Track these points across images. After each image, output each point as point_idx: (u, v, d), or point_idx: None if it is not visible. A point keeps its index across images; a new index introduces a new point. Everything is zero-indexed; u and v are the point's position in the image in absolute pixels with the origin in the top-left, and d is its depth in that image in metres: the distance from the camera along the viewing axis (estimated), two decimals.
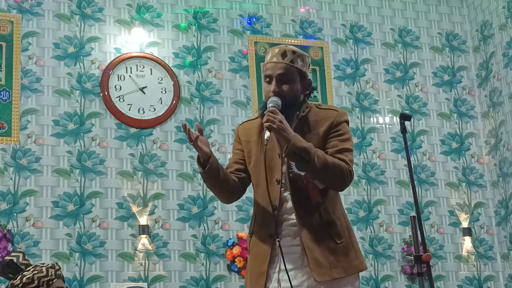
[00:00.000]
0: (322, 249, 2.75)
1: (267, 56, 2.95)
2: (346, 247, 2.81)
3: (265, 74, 2.91)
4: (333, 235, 2.79)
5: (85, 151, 5.95)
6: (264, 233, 2.83)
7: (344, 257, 2.78)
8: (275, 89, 2.85)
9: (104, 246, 5.78)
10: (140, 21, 6.42)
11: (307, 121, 2.90)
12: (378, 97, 6.89)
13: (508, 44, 6.75)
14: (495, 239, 6.80)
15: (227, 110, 6.43)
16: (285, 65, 2.87)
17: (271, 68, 2.88)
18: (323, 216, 2.80)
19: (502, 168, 6.74)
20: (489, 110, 7.00)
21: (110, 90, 6.15)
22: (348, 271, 2.77)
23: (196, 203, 6.11)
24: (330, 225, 2.80)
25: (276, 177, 2.84)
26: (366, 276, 6.31)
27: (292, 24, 6.85)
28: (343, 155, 2.86)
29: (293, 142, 2.70)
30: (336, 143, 2.87)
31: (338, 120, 2.90)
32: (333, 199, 2.89)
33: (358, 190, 6.56)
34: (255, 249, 2.86)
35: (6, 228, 5.54)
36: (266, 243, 2.81)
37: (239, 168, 2.97)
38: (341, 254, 2.78)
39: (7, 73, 5.90)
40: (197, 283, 5.92)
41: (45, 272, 3.06)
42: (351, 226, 2.92)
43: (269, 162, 2.84)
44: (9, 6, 6.09)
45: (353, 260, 2.80)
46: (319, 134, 2.86)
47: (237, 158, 3.00)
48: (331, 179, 2.80)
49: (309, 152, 2.71)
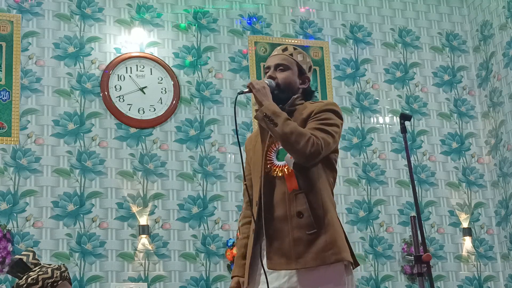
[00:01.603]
0: (287, 240, 2.73)
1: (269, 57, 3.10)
2: (316, 237, 2.72)
3: (265, 67, 3.02)
4: (302, 225, 2.74)
5: (85, 151, 5.95)
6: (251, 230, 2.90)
7: (312, 248, 2.71)
8: (271, 75, 2.95)
9: (104, 246, 5.78)
10: (140, 21, 6.42)
11: (294, 113, 2.91)
12: (378, 97, 6.89)
13: (508, 44, 6.75)
14: (495, 239, 6.79)
15: (227, 110, 6.43)
16: (284, 56, 2.98)
17: (271, 60, 3.00)
18: (292, 207, 2.76)
19: (502, 168, 6.74)
20: (489, 110, 7.00)
21: (110, 90, 6.15)
22: (317, 261, 2.69)
23: (196, 203, 6.11)
24: (298, 215, 2.75)
25: (259, 174, 2.88)
26: (366, 276, 6.31)
27: (292, 24, 6.85)
28: (317, 131, 2.78)
29: (266, 105, 2.77)
30: (313, 124, 2.83)
31: (321, 108, 2.87)
32: (316, 188, 2.80)
33: (358, 190, 6.56)
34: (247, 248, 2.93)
35: (6, 228, 5.54)
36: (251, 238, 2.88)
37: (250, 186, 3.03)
38: (309, 245, 2.72)
39: (7, 73, 5.90)
40: (197, 283, 5.92)
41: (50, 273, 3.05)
42: (335, 218, 2.81)
43: (258, 161, 2.92)
44: (9, 6, 6.09)
45: (324, 251, 2.70)
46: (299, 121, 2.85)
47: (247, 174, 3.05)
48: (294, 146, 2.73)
49: (278, 116, 2.74)
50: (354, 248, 6.34)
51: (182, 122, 6.28)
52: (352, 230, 6.40)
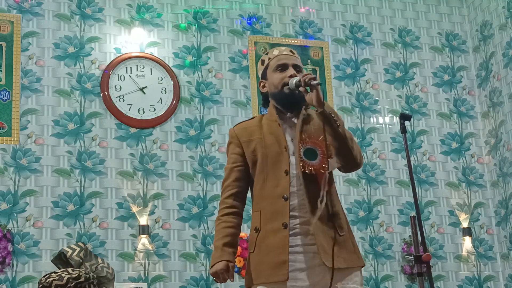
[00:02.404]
0: (327, 238, 2.79)
1: (272, 52, 3.05)
2: (346, 240, 2.86)
3: (279, 63, 2.98)
4: (336, 226, 2.84)
5: (85, 151, 5.95)
6: (276, 225, 2.81)
7: (345, 249, 2.83)
8: (294, 73, 2.94)
9: (104, 246, 5.78)
10: (140, 21, 6.43)
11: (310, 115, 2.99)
12: (378, 97, 6.89)
13: (508, 44, 6.75)
14: (495, 239, 6.80)
15: (227, 110, 6.43)
16: (297, 58, 3.03)
17: (286, 58, 2.99)
18: (329, 207, 2.83)
19: (502, 168, 6.74)
20: (489, 110, 7.00)
21: (110, 90, 6.15)
22: (349, 262, 2.82)
23: (196, 203, 6.11)
24: (334, 216, 2.85)
25: (285, 168, 2.86)
26: (366, 276, 6.31)
27: (292, 24, 6.86)
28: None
29: (327, 104, 2.81)
30: None
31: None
32: (335, 192, 2.95)
33: (358, 190, 6.56)
34: (267, 241, 2.83)
35: (6, 228, 5.54)
36: (280, 233, 2.80)
37: (238, 178, 2.97)
38: (342, 246, 2.82)
39: (7, 73, 5.91)
40: (197, 283, 5.92)
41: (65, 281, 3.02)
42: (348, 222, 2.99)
43: (276, 156, 2.88)
44: (9, 6, 6.09)
45: (353, 253, 2.86)
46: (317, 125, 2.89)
47: (234, 166, 2.98)
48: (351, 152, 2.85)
49: (339, 118, 2.84)
50: None
51: (182, 122, 6.28)
52: (352, 230, 6.39)
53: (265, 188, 2.89)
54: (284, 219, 2.80)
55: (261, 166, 2.92)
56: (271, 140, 2.93)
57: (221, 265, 2.82)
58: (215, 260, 2.85)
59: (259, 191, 2.91)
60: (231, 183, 2.97)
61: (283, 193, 2.83)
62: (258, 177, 2.93)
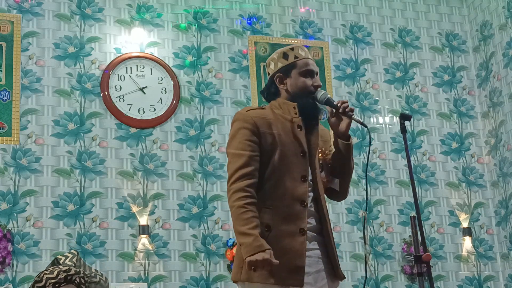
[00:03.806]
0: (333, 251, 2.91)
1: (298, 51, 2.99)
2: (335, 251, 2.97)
3: (308, 69, 2.97)
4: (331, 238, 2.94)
5: (85, 151, 5.95)
6: (293, 228, 2.79)
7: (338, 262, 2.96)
8: (320, 85, 3.01)
9: (104, 246, 5.78)
10: (140, 21, 6.43)
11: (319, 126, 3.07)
12: (378, 97, 6.90)
13: (508, 44, 6.75)
14: (495, 239, 6.80)
15: (227, 110, 6.43)
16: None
17: (313, 65, 3.00)
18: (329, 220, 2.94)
19: (502, 168, 6.74)
20: (489, 110, 7.00)
21: (110, 90, 6.15)
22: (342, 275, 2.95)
23: (196, 203, 6.11)
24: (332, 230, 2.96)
25: (302, 173, 2.86)
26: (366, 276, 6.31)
27: (292, 24, 6.86)
28: None
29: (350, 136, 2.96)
30: None
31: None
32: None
33: (358, 190, 6.57)
34: (283, 243, 2.77)
35: (6, 228, 5.54)
36: (298, 238, 2.79)
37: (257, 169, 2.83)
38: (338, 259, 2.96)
39: (7, 73, 5.91)
40: (197, 283, 5.92)
41: (55, 274, 3.04)
42: None
43: (292, 157, 2.88)
44: (9, 6, 6.09)
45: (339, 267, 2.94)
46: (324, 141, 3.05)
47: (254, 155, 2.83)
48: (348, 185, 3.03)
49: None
50: (353, 248, 6.40)
51: (182, 122, 6.28)
52: (352, 230, 6.41)
53: (279, 187, 2.82)
54: (302, 224, 2.80)
55: (277, 164, 2.85)
56: (288, 140, 2.88)
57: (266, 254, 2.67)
58: (256, 249, 2.67)
59: (272, 188, 2.83)
60: (252, 172, 2.80)
61: (301, 198, 2.83)
62: (270, 174, 2.84)
